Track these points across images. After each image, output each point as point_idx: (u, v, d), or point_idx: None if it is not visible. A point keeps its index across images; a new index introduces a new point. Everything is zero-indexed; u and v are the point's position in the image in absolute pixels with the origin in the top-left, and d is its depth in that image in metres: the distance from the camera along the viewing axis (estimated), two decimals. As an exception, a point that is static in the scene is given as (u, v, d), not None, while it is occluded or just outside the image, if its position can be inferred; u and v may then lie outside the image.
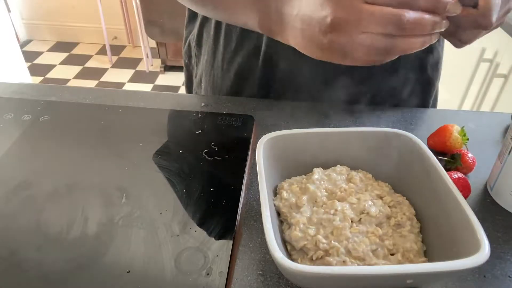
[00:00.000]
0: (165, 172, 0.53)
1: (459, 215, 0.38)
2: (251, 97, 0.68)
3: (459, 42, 0.44)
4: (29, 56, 2.82)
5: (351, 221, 0.41)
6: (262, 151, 0.45)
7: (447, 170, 0.53)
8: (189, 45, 0.77)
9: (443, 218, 0.41)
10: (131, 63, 2.84)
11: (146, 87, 2.60)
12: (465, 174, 0.53)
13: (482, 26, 0.41)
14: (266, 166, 0.44)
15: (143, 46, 2.63)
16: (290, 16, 0.43)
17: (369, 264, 0.38)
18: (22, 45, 2.96)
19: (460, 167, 0.53)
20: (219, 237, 0.44)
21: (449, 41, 0.46)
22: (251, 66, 0.66)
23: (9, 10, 2.69)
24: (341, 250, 0.38)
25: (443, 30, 0.39)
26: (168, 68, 2.74)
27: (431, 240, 0.42)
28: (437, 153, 0.54)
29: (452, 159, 0.53)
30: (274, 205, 0.45)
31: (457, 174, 0.49)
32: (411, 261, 0.39)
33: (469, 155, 0.53)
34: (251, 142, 0.58)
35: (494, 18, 0.40)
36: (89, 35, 3.01)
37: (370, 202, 0.43)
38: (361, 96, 0.66)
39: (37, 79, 2.62)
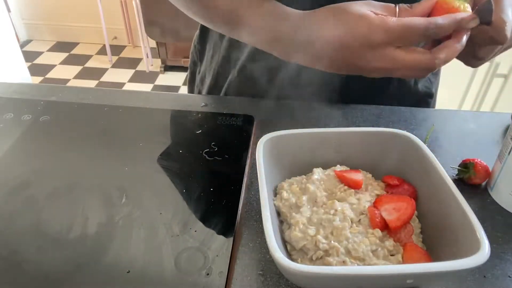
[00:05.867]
0: (165, 172, 0.53)
1: (459, 215, 0.38)
2: (251, 97, 0.68)
3: (475, 59, 0.46)
4: (29, 56, 2.81)
5: (351, 222, 0.41)
6: (262, 151, 0.45)
7: (460, 179, 0.52)
8: (194, 44, 0.77)
9: (443, 218, 0.41)
10: (131, 63, 2.84)
11: (146, 87, 2.60)
12: (478, 184, 0.52)
13: (497, 41, 0.42)
14: (266, 166, 0.44)
15: (143, 46, 2.63)
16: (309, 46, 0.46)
17: (369, 265, 0.38)
18: (22, 45, 2.95)
19: (474, 176, 0.51)
20: (219, 237, 0.44)
21: (464, 61, 0.47)
22: (254, 64, 0.66)
23: (9, 10, 2.68)
24: (341, 250, 0.38)
25: None
26: (168, 68, 2.74)
27: (431, 240, 0.42)
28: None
29: (464, 168, 0.52)
30: (274, 205, 0.45)
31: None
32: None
33: (481, 162, 0.51)
34: (251, 142, 0.58)
35: (508, 33, 0.41)
36: (89, 35, 3.01)
37: (370, 203, 0.43)
38: (361, 97, 0.66)
39: (37, 79, 2.62)
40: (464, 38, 0.42)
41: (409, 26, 0.40)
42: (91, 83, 2.62)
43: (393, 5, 0.44)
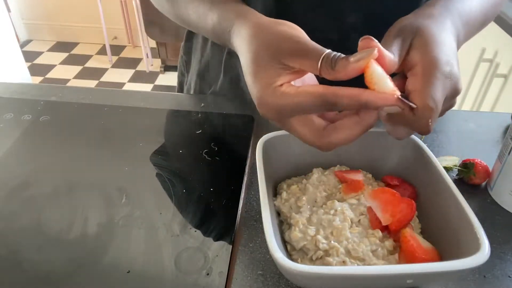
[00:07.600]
0: (165, 172, 0.53)
1: (459, 215, 0.38)
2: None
3: (389, 135, 0.40)
4: (29, 56, 2.81)
5: (351, 222, 0.41)
6: (262, 151, 0.45)
7: (460, 179, 0.52)
8: (181, 55, 0.77)
9: (444, 218, 0.41)
10: (131, 63, 2.84)
11: (146, 87, 2.60)
12: (478, 184, 0.52)
13: (419, 131, 0.36)
14: (266, 166, 0.43)
15: (143, 46, 2.63)
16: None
17: (369, 265, 0.38)
18: (22, 45, 2.95)
19: (474, 176, 0.51)
20: (219, 237, 0.44)
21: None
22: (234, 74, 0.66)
23: (9, 10, 2.68)
24: (341, 250, 0.38)
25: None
26: (168, 68, 2.74)
27: (432, 240, 0.42)
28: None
29: (464, 168, 0.52)
30: (274, 205, 0.45)
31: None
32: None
33: (481, 162, 0.52)
34: (251, 142, 0.58)
35: (431, 126, 0.35)
36: (89, 35, 3.01)
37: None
38: None
39: (37, 79, 2.62)
40: (371, 120, 0.36)
41: (299, 104, 0.35)
42: (91, 83, 2.62)
43: (321, 54, 0.36)
